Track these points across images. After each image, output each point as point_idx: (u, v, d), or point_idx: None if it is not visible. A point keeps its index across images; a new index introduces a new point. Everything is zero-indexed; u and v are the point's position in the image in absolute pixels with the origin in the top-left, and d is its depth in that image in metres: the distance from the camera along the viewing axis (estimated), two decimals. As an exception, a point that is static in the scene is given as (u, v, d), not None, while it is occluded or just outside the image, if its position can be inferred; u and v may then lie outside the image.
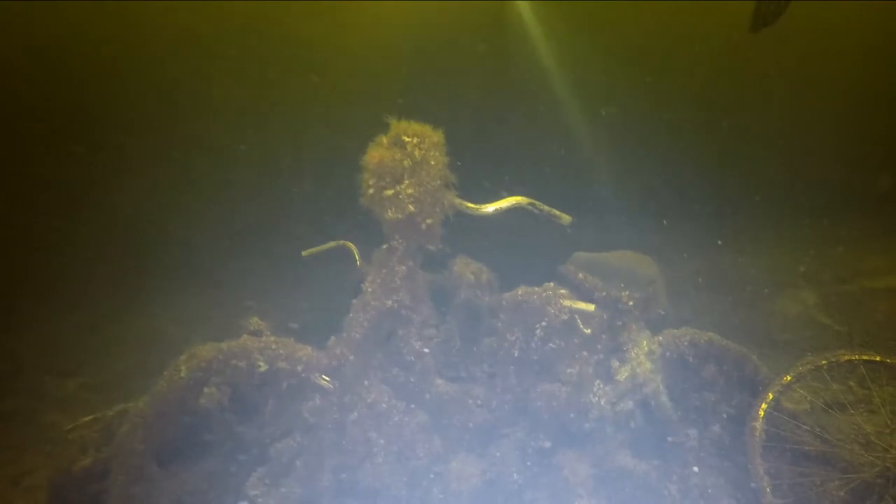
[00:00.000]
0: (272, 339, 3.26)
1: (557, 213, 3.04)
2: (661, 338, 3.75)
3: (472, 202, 2.96)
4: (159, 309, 7.62)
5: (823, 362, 3.70)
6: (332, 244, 4.40)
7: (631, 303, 3.36)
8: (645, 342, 3.62)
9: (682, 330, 3.79)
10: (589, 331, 3.16)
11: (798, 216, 9.78)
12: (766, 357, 4.02)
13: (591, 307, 3.07)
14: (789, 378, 3.67)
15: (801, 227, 9.54)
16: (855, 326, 5.96)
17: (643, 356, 3.60)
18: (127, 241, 8.93)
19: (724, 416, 3.90)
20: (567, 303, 3.09)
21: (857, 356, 3.68)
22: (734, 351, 3.80)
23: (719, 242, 8.45)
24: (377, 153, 2.85)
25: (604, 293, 3.38)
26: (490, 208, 2.94)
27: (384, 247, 3.10)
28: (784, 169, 10.53)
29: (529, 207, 2.97)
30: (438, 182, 2.90)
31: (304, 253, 4.45)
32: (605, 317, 3.38)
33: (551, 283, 3.22)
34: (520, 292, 3.22)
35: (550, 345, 3.16)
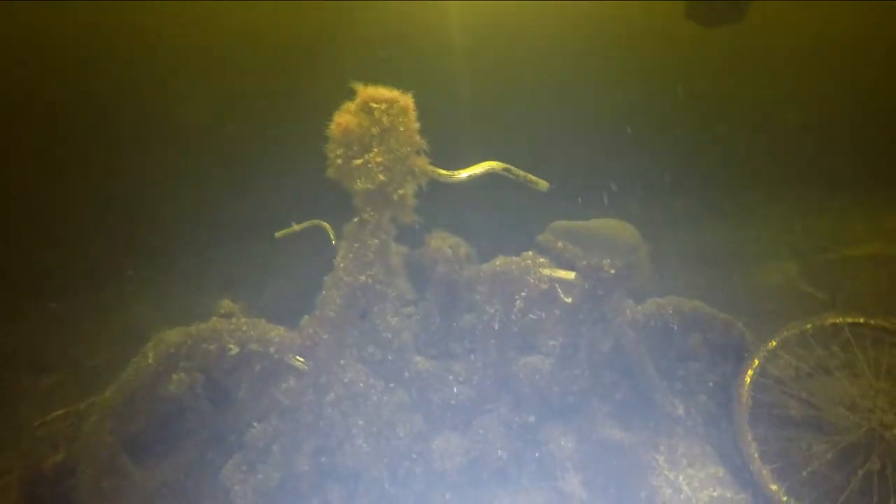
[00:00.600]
0: (243, 320, 3.13)
1: (534, 178, 2.92)
2: (644, 307, 3.67)
3: (445, 169, 2.83)
4: (136, 302, 7.43)
5: (808, 326, 3.66)
6: (305, 224, 4.25)
7: (613, 271, 3.26)
8: (628, 312, 3.54)
9: (666, 298, 3.71)
10: (570, 300, 3.06)
11: (778, 188, 9.77)
12: (750, 327, 3.96)
13: (571, 275, 2.96)
14: (774, 344, 3.61)
15: (782, 199, 9.54)
16: (837, 293, 5.94)
17: (626, 325, 3.52)
18: (102, 234, 8.70)
19: (711, 384, 3.84)
20: (546, 271, 2.99)
21: (841, 319, 3.65)
22: (720, 319, 3.73)
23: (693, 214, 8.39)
24: (343, 121, 2.71)
25: (584, 262, 3.28)
26: (464, 174, 2.82)
27: (355, 220, 2.97)
28: (763, 141, 10.51)
29: (504, 173, 2.85)
30: (409, 149, 2.77)
31: (276, 234, 4.30)
32: (586, 286, 3.28)
33: (530, 252, 3.11)
34: (498, 263, 3.11)
35: (531, 316, 3.05)
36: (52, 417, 3.87)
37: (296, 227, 4.27)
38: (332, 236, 4.09)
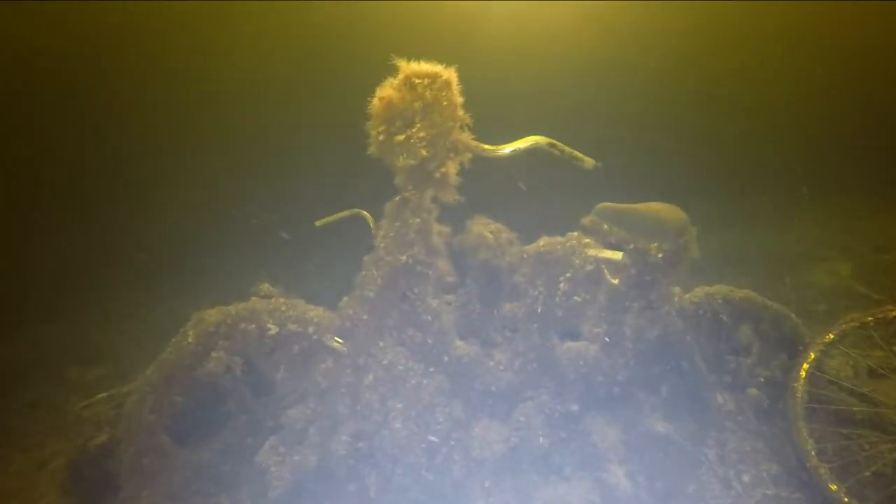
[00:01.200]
0: (282, 300, 3.09)
1: (580, 155, 2.82)
2: (692, 295, 3.52)
3: (489, 144, 2.75)
4: (177, 300, 7.54)
5: (870, 318, 3.45)
6: (345, 213, 4.23)
7: (660, 255, 3.12)
8: (676, 299, 3.39)
9: (715, 287, 3.56)
10: (617, 281, 2.94)
11: (827, 189, 9.41)
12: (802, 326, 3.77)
13: (618, 255, 2.84)
14: (832, 336, 3.42)
15: (830, 200, 9.19)
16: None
17: (674, 314, 3.37)
18: (143, 236, 8.86)
19: (762, 378, 3.66)
20: (593, 252, 2.88)
21: (905, 311, 3.42)
22: (772, 309, 3.56)
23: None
24: (385, 95, 2.66)
25: (631, 246, 3.15)
26: (507, 150, 2.73)
27: (396, 199, 2.91)
28: (810, 142, 10.15)
29: (549, 149, 2.75)
30: (452, 124, 2.69)
31: (317, 223, 4.29)
32: (632, 271, 3.15)
33: (575, 233, 3.00)
34: (542, 243, 3.01)
35: (576, 298, 2.94)
36: (97, 399, 3.90)
37: (335, 216, 4.25)
38: (372, 226, 4.05)
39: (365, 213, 4.20)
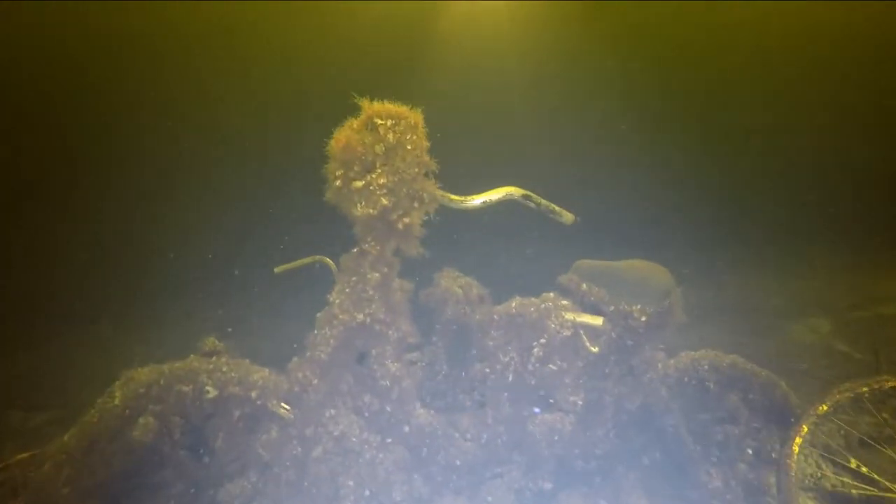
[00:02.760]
0: (223, 360, 2.73)
1: (558, 209, 2.53)
2: (677, 361, 3.22)
3: (457, 194, 2.46)
4: (134, 340, 7.06)
5: (864, 389, 3.16)
6: (307, 260, 3.89)
7: (643, 318, 2.82)
8: (660, 366, 3.08)
9: (701, 352, 3.25)
10: (597, 349, 2.62)
11: (805, 242, 9.28)
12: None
13: (598, 320, 2.53)
14: (826, 408, 3.12)
15: (809, 253, 9.04)
16: (880, 353, 5.40)
17: (658, 382, 3.06)
18: (98, 272, 8.35)
19: (750, 451, 3.34)
20: (570, 316, 2.56)
21: (903, 382, 3.15)
22: (760, 376, 3.25)
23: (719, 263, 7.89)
24: (343, 137, 2.36)
25: (612, 307, 2.85)
26: (477, 200, 2.43)
27: (354, 250, 2.59)
28: (791, 194, 10.07)
29: (524, 201, 2.46)
30: (417, 170, 2.40)
31: (276, 270, 3.94)
32: (613, 335, 2.84)
33: (551, 294, 2.69)
34: (514, 304, 2.69)
35: (551, 366, 2.61)
36: (15, 461, 3.45)
37: (296, 263, 3.91)
38: (335, 273, 3.72)
39: (328, 260, 3.87)
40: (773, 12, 10.37)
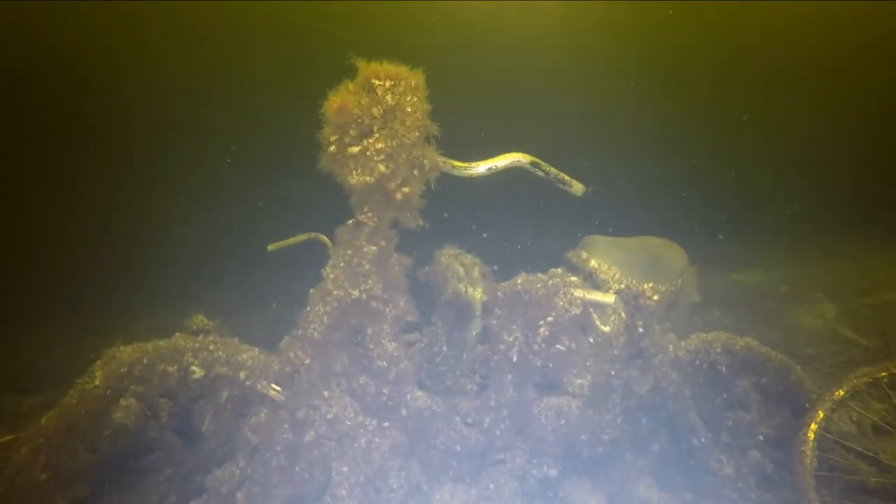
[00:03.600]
0: (210, 339, 2.56)
1: (568, 178, 2.35)
2: (688, 343, 3.05)
3: (459, 160, 2.27)
4: (126, 325, 6.88)
5: (883, 374, 3.01)
6: (301, 237, 3.72)
7: (655, 298, 2.66)
8: (671, 348, 2.92)
9: (713, 334, 3.09)
10: (608, 328, 2.45)
11: (810, 228, 9.11)
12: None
13: (610, 297, 2.36)
14: (842, 393, 2.97)
15: (814, 240, 8.87)
16: (891, 339, 5.25)
17: (668, 365, 2.90)
18: (91, 257, 8.11)
19: (762, 438, 3.19)
20: (580, 293, 2.39)
21: (921, 366, 3.00)
22: (775, 360, 3.10)
23: (720, 237, 7.68)
24: (338, 99, 2.18)
25: (622, 285, 2.68)
26: (482, 167, 2.25)
27: (349, 222, 2.41)
28: (796, 180, 9.87)
29: (532, 168, 2.28)
30: (416, 135, 2.22)
31: (270, 247, 3.76)
32: (623, 315, 2.67)
33: (559, 270, 2.51)
34: (519, 280, 2.51)
35: (558, 346, 2.44)
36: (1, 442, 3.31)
37: (291, 240, 3.74)
38: (330, 249, 3.54)
39: (324, 237, 3.70)
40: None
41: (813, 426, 2.89)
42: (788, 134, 10.55)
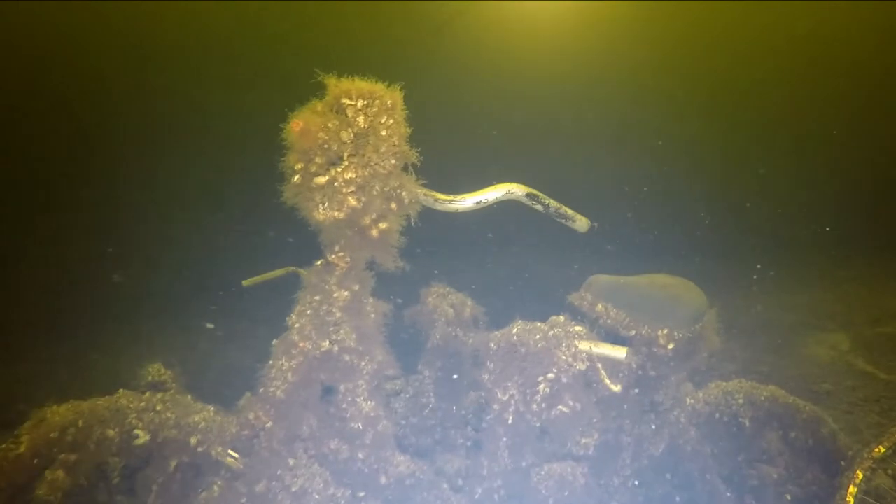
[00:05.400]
0: (158, 396, 2.19)
1: (570, 212, 2.01)
2: (706, 393, 2.69)
3: (444, 192, 1.93)
4: (114, 355, 6.47)
5: (929, 428, 2.64)
6: (279, 272, 3.36)
7: (671, 346, 2.29)
8: (688, 401, 2.55)
9: (733, 383, 2.73)
10: (618, 388, 2.09)
11: (820, 253, 8.74)
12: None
13: (622, 351, 2.00)
14: (883, 450, 2.59)
15: (824, 265, 8.51)
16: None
17: (685, 419, 2.53)
18: (64, 284, 7.63)
19: (790, 497, 2.81)
20: (586, 345, 2.03)
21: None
22: (804, 412, 2.72)
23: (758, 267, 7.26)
24: (302, 121, 1.84)
25: (633, 332, 2.32)
26: (469, 200, 1.91)
27: (318, 263, 2.07)
28: (803, 203, 9.53)
29: (529, 202, 1.94)
30: (393, 162, 1.88)
31: (245, 283, 3.40)
32: (634, 366, 2.31)
33: (561, 317, 2.16)
34: (515, 330, 2.15)
35: (561, 408, 2.07)
36: None
37: (267, 275, 3.38)
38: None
39: (303, 271, 3.35)
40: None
41: (852, 489, 2.51)
42: (793, 154, 10.23)
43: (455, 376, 2.64)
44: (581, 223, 2.05)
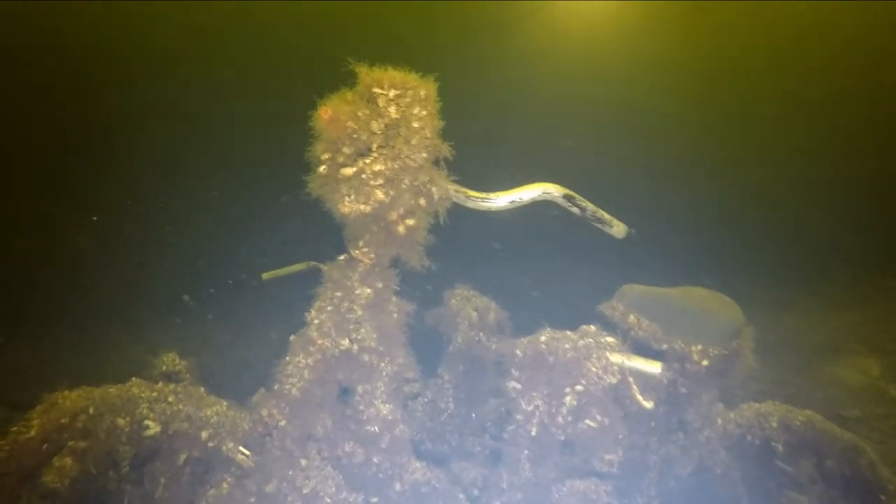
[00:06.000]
0: (171, 387, 2.12)
1: (607, 216, 1.90)
2: (738, 414, 2.55)
3: (476, 189, 1.83)
4: (128, 338, 6.45)
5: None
6: (299, 266, 3.29)
7: (705, 363, 2.17)
8: (719, 421, 2.42)
9: (767, 405, 2.59)
10: (651, 405, 1.97)
11: (850, 273, 8.45)
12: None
13: (657, 367, 1.89)
14: (924, 484, 2.43)
15: (855, 286, 8.22)
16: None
17: (716, 441, 2.39)
18: (90, 269, 7.65)
19: (822, 530, 2.65)
20: (618, 358, 1.92)
21: None
22: (842, 440, 2.57)
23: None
24: (331, 109, 1.75)
25: (665, 346, 2.20)
26: (504, 199, 1.81)
27: (341, 258, 1.98)
28: (833, 221, 9.24)
29: (565, 203, 1.84)
30: (424, 156, 1.78)
31: (264, 276, 3.33)
32: (664, 381, 2.19)
33: (592, 327, 2.04)
34: (544, 338, 2.04)
35: (588, 422, 1.96)
36: None
37: (287, 269, 3.31)
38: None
39: (323, 266, 3.27)
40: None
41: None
42: (819, 168, 9.92)
43: (476, 382, 2.54)
44: (619, 229, 1.94)
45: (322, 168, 1.82)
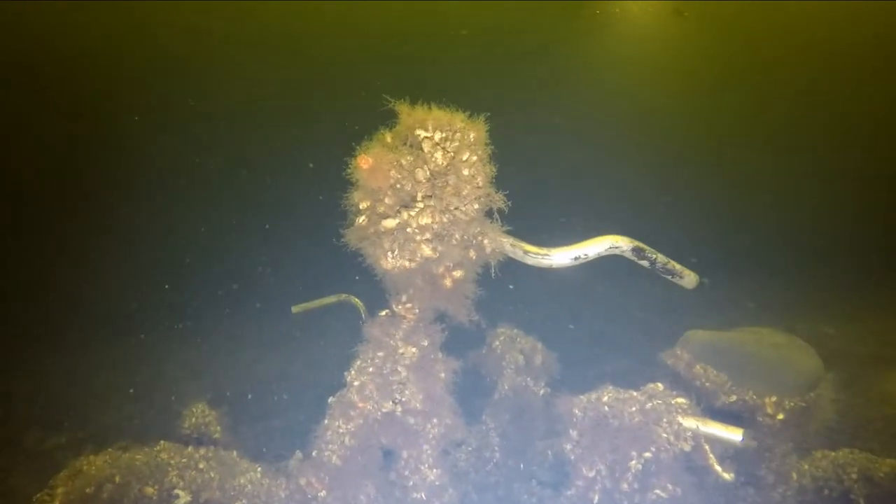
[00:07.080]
0: (202, 452, 1.96)
1: (679, 267, 1.70)
2: (813, 464, 2.32)
3: (532, 243, 1.63)
4: (157, 359, 6.37)
5: None
6: (330, 299, 3.14)
7: (780, 416, 1.95)
8: (794, 476, 2.19)
9: (843, 453, 2.35)
10: (731, 476, 1.76)
11: (888, 275, 8.08)
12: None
13: (737, 433, 1.68)
14: None
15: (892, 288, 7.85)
16: None
17: (792, 498, 2.17)
18: (126, 288, 7.62)
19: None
20: (692, 422, 1.71)
21: None
22: (928, 491, 2.32)
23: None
24: (373, 157, 1.58)
25: (734, 398, 1.98)
26: (567, 255, 1.61)
27: (383, 314, 1.80)
28: (874, 226, 8.85)
29: (634, 257, 1.64)
30: (476, 207, 1.59)
31: (294, 309, 3.19)
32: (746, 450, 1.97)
33: (660, 385, 1.84)
34: (606, 398, 1.84)
35: (658, 492, 1.75)
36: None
37: (318, 302, 3.16)
38: (364, 316, 2.95)
39: (357, 300, 3.11)
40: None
41: None
42: (861, 170, 9.54)
43: (524, 432, 2.35)
44: (689, 279, 1.73)
45: (361, 219, 1.64)
